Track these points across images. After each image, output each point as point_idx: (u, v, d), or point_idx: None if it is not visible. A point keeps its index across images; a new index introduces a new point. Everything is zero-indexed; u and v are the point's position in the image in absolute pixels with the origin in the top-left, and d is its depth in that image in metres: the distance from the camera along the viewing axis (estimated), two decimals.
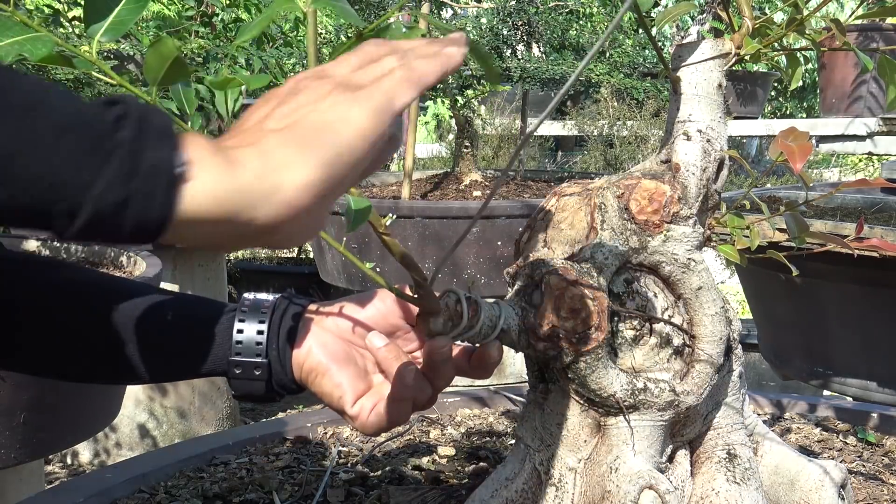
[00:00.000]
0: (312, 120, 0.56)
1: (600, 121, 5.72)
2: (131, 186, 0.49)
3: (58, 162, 0.48)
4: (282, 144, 0.54)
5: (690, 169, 0.87)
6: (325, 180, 0.54)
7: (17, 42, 0.61)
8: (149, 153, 0.50)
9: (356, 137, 0.56)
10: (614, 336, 0.85)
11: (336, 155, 0.55)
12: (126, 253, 2.25)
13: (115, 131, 0.50)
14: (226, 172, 0.52)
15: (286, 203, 0.53)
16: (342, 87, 0.58)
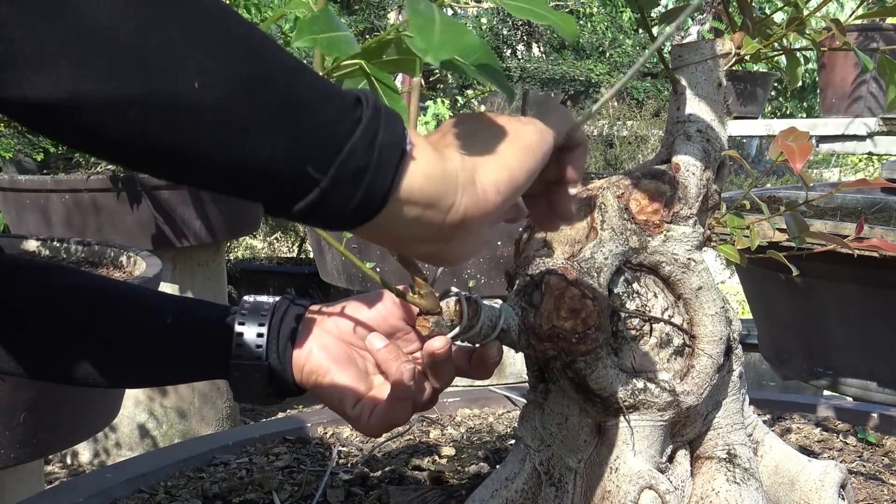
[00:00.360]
0: (495, 132, 0.61)
1: (600, 121, 5.72)
2: (371, 156, 0.53)
3: (315, 125, 0.52)
4: (476, 145, 0.60)
5: (690, 169, 0.87)
6: (511, 181, 0.60)
7: None
8: (384, 130, 0.54)
9: (534, 148, 0.62)
10: (614, 336, 0.85)
11: (520, 161, 0.61)
12: (126, 253, 2.25)
13: (357, 108, 0.54)
14: (437, 159, 0.56)
15: (482, 194, 0.58)
16: (521, 124, 0.64)
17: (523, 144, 0.62)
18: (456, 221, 0.58)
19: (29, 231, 2.78)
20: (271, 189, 0.52)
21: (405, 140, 0.55)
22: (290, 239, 5.33)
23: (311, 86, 0.52)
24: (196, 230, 2.87)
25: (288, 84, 0.51)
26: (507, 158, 0.60)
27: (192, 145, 0.48)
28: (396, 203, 0.55)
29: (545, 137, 0.63)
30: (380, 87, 0.66)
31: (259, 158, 0.50)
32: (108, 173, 2.73)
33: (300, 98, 0.51)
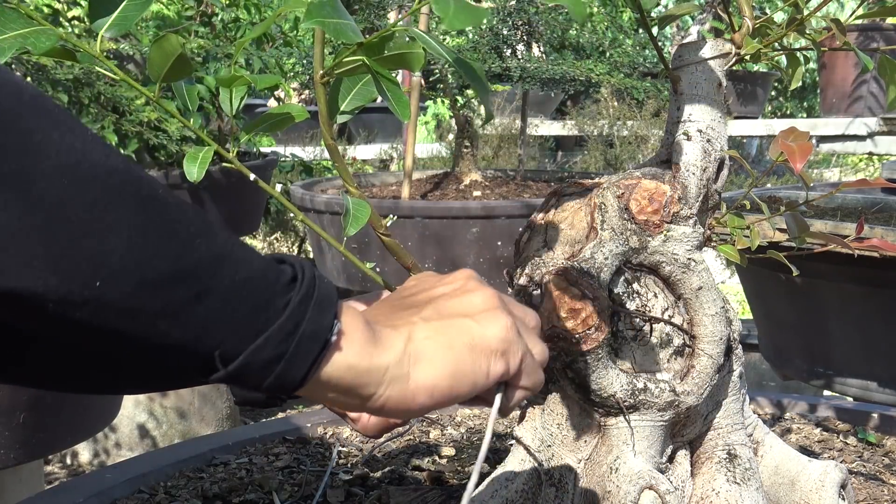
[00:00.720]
0: (459, 328, 0.62)
1: (600, 121, 5.72)
2: (287, 346, 0.54)
3: (232, 312, 0.53)
4: (426, 334, 0.61)
5: (690, 169, 0.87)
6: (450, 392, 0.60)
7: (21, 35, 0.61)
8: (311, 318, 0.55)
9: (489, 356, 0.62)
10: (614, 336, 0.85)
11: (469, 371, 0.61)
12: None
13: (287, 293, 0.55)
14: (367, 351, 0.57)
15: (411, 394, 0.59)
16: (492, 309, 0.64)
17: (480, 346, 0.62)
18: (375, 408, 0.59)
19: None
20: (181, 367, 0.54)
21: (331, 331, 0.55)
22: (290, 239, 5.33)
23: (233, 276, 0.53)
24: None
25: (211, 275, 0.52)
26: (455, 364, 0.60)
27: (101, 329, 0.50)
28: (315, 383, 0.56)
29: (504, 345, 0.63)
30: (382, 83, 0.66)
31: (168, 341, 0.51)
32: None
33: (219, 288, 0.52)
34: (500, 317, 0.64)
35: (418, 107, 3.02)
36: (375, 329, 0.59)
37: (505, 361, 0.63)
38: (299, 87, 3.96)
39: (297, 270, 0.56)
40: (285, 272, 0.56)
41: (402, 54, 0.66)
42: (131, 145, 2.60)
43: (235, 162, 0.75)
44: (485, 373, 0.62)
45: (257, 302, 0.53)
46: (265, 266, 0.55)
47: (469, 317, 0.63)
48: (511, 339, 0.63)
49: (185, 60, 0.67)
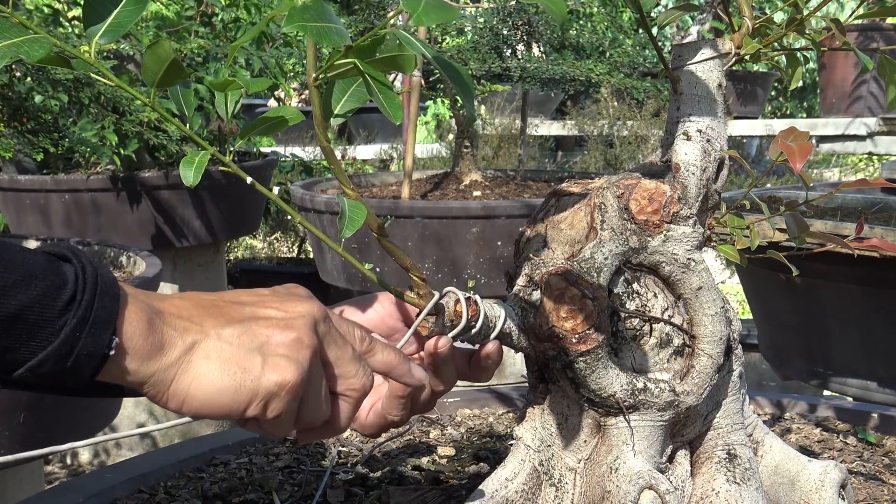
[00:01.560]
0: (243, 362, 0.66)
1: (600, 121, 5.72)
2: (66, 364, 0.60)
3: (12, 338, 0.59)
4: (206, 358, 0.65)
5: (690, 169, 0.87)
6: (198, 409, 0.65)
7: (15, 44, 0.61)
8: (86, 341, 0.60)
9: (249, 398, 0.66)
10: (614, 336, 0.85)
11: (224, 402, 0.65)
12: (126, 253, 2.25)
13: (63, 315, 0.60)
14: (141, 357, 0.63)
15: (163, 397, 0.65)
16: (290, 358, 0.68)
17: (250, 389, 0.66)
18: (153, 398, 0.66)
19: (29, 231, 2.78)
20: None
21: (108, 348, 0.61)
22: (289, 239, 5.33)
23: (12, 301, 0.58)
24: (196, 230, 2.87)
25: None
26: (216, 393, 0.65)
27: None
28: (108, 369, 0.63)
29: (269, 397, 0.67)
30: (375, 86, 0.66)
31: None
32: (108, 173, 2.73)
33: (9, 312, 0.58)
34: (288, 371, 0.67)
35: (418, 107, 3.01)
36: (160, 331, 0.64)
37: (263, 409, 0.67)
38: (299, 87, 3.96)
39: (77, 286, 0.61)
40: (63, 293, 0.60)
41: (393, 56, 0.65)
42: (131, 145, 2.60)
43: (232, 166, 0.75)
44: (240, 411, 0.66)
45: (31, 330, 0.59)
46: (41, 292, 0.59)
47: (263, 355, 0.67)
48: (280, 396, 0.67)
49: (178, 65, 0.68)
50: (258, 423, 0.69)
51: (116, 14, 0.66)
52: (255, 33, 0.71)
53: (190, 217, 2.84)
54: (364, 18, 3.01)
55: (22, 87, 2.42)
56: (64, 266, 0.61)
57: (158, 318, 0.64)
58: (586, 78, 2.91)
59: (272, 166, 3.24)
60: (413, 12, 0.58)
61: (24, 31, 0.62)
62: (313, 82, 0.68)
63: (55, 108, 2.48)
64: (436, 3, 0.59)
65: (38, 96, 2.42)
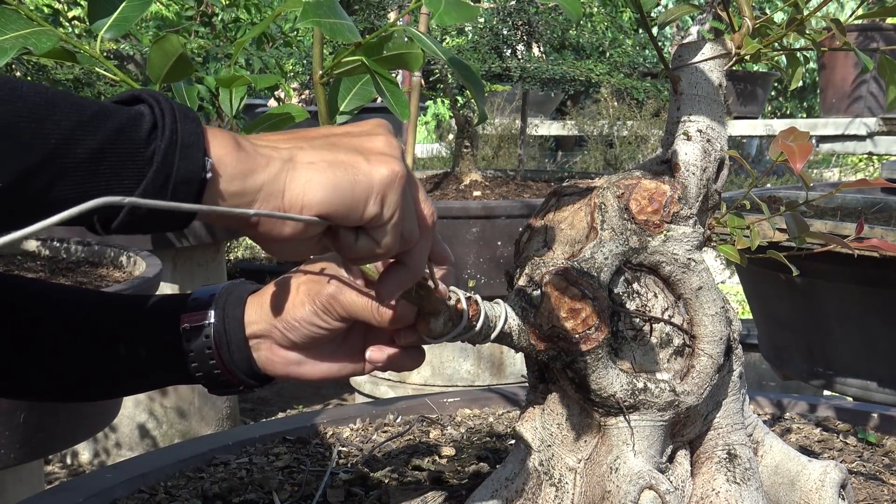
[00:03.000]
0: (348, 161, 0.62)
1: (600, 121, 5.73)
2: (165, 194, 0.56)
3: (97, 180, 0.55)
4: (311, 163, 0.61)
5: (690, 169, 0.87)
6: (320, 204, 0.61)
7: (22, 35, 0.61)
8: (180, 166, 0.57)
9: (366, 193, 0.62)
10: (614, 336, 0.85)
11: (345, 195, 0.62)
12: (126, 253, 2.25)
13: (149, 144, 0.56)
14: (241, 174, 0.59)
15: (282, 208, 0.61)
16: (388, 155, 0.64)
17: (364, 182, 0.63)
18: (252, 227, 0.62)
19: None
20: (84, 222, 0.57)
21: (204, 170, 0.58)
22: None
23: (88, 147, 0.54)
24: (196, 230, 2.87)
25: (60, 157, 0.54)
26: (334, 186, 0.62)
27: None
28: (200, 214, 0.59)
29: (386, 189, 0.63)
30: (381, 83, 0.66)
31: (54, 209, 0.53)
32: None
33: (73, 165, 0.54)
34: (392, 163, 0.64)
35: (418, 107, 3.02)
36: (251, 151, 0.60)
37: (380, 205, 0.64)
38: (299, 87, 3.96)
39: (156, 115, 0.57)
40: (143, 122, 0.56)
41: (400, 54, 0.66)
42: None
43: None
44: (361, 207, 0.63)
45: (120, 163, 0.55)
46: (122, 124, 0.56)
47: (362, 154, 0.64)
48: (394, 187, 0.64)
49: (185, 61, 0.67)
50: (372, 234, 0.65)
51: (122, 9, 0.66)
52: (259, 30, 0.71)
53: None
54: (364, 18, 3.01)
55: None
56: (137, 105, 0.58)
57: (245, 140, 0.61)
58: (586, 78, 2.91)
59: None
60: (435, 11, 0.59)
61: (31, 23, 0.62)
62: (319, 79, 0.68)
63: None
64: (456, 3, 0.59)
65: None
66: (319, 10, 0.60)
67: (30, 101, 0.53)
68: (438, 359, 3.10)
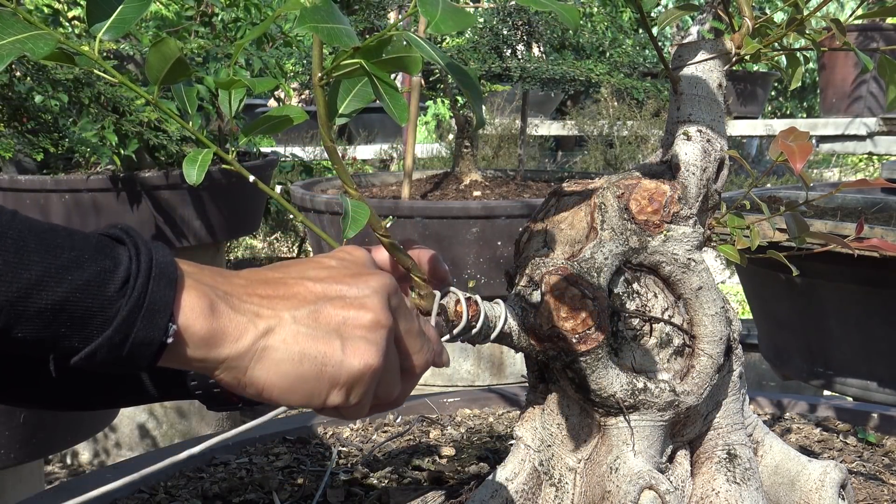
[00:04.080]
0: (322, 346, 0.62)
1: (600, 121, 5.72)
2: (121, 352, 0.57)
3: (59, 327, 0.55)
4: (284, 342, 0.61)
5: (690, 169, 0.87)
6: (277, 397, 0.62)
7: (20, 40, 0.61)
8: (141, 328, 0.57)
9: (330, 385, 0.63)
10: (614, 336, 0.85)
11: (305, 390, 0.62)
12: None
13: (114, 303, 0.56)
14: (212, 348, 0.59)
15: (240, 384, 0.61)
16: (368, 340, 0.64)
17: (331, 375, 0.62)
18: (227, 384, 0.62)
19: None
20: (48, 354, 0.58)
21: (165, 335, 0.57)
22: (290, 239, 5.33)
23: (49, 299, 0.55)
24: (196, 230, 2.87)
25: (20, 304, 0.54)
26: (296, 381, 0.62)
27: None
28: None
29: (354, 382, 0.63)
30: (380, 86, 0.66)
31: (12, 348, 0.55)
32: (108, 173, 2.73)
33: (31, 314, 0.54)
34: (368, 355, 0.63)
35: (418, 107, 3.01)
36: (226, 317, 0.60)
37: (345, 395, 0.64)
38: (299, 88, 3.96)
39: (130, 270, 0.57)
40: (115, 277, 0.56)
41: (399, 58, 0.65)
42: (131, 145, 2.60)
43: (235, 164, 0.75)
44: (321, 400, 0.63)
45: (82, 318, 0.56)
46: (91, 277, 0.56)
47: (342, 338, 0.63)
48: (363, 381, 0.64)
49: (183, 63, 0.67)
50: (337, 409, 0.65)
51: (120, 10, 0.65)
52: (259, 31, 0.71)
53: (190, 217, 2.84)
54: (364, 18, 3.01)
55: (22, 87, 2.42)
56: (118, 248, 0.58)
57: (225, 302, 0.61)
58: (586, 78, 2.91)
59: (272, 166, 3.24)
60: (431, 19, 0.58)
61: (29, 27, 0.62)
62: (318, 82, 0.68)
63: (55, 108, 2.48)
64: (453, 10, 0.59)
65: (38, 96, 2.42)
66: (317, 15, 0.60)
67: (5, 242, 0.54)
68: None
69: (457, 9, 0.59)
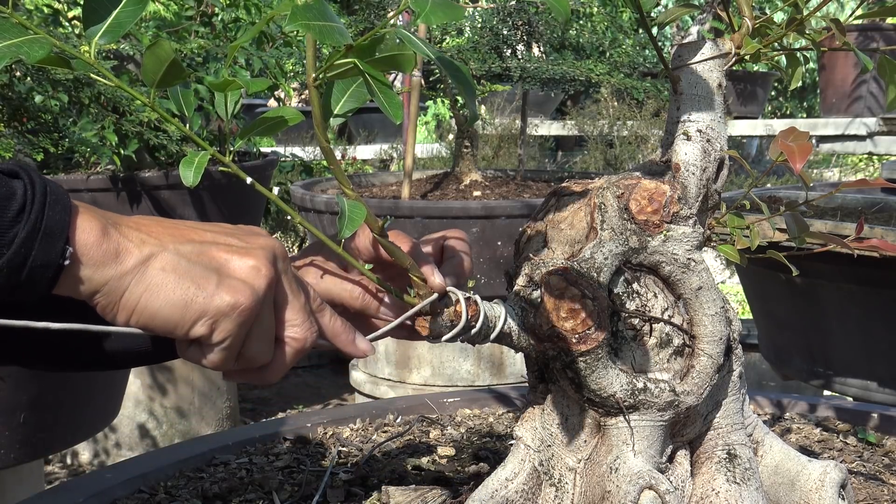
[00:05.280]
0: (198, 277, 0.65)
1: (600, 121, 5.73)
2: (20, 276, 0.60)
3: None
4: (162, 270, 0.64)
5: (690, 169, 0.87)
6: (145, 322, 0.64)
7: (15, 44, 0.61)
8: (40, 250, 0.60)
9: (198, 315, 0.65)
10: (614, 336, 0.85)
11: (173, 318, 0.65)
12: None
13: (13, 227, 0.59)
14: (98, 264, 0.63)
15: (113, 308, 0.64)
16: (247, 283, 0.67)
17: (200, 305, 0.65)
18: (96, 306, 0.65)
19: None
20: None
21: (62, 257, 0.61)
22: (289, 239, 5.33)
23: None
24: None
25: None
26: (167, 307, 0.64)
27: None
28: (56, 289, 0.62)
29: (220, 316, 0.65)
30: (375, 85, 0.66)
31: None
32: (108, 173, 2.73)
33: None
34: (241, 294, 0.66)
35: (418, 107, 3.01)
36: (115, 239, 0.63)
37: (209, 328, 0.66)
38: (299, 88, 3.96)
39: (26, 197, 0.60)
40: (12, 204, 0.59)
41: (393, 56, 0.65)
42: (131, 145, 2.60)
43: (232, 166, 0.75)
44: (185, 329, 0.65)
45: None
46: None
47: (219, 275, 0.66)
48: (231, 317, 0.66)
49: (178, 66, 0.68)
50: (201, 348, 0.67)
51: (116, 14, 0.66)
52: (254, 33, 0.71)
53: (190, 217, 2.84)
54: (364, 18, 3.01)
55: (22, 87, 2.42)
56: (13, 182, 0.61)
57: (115, 228, 0.64)
58: (586, 78, 2.91)
59: (272, 166, 3.24)
60: (421, 11, 0.58)
61: (24, 31, 0.62)
62: (313, 82, 0.68)
63: (55, 108, 2.48)
64: (443, 3, 0.59)
65: (38, 96, 2.42)
66: (308, 13, 0.60)
67: None
68: (438, 359, 3.10)
69: (446, 2, 0.59)
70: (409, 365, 3.14)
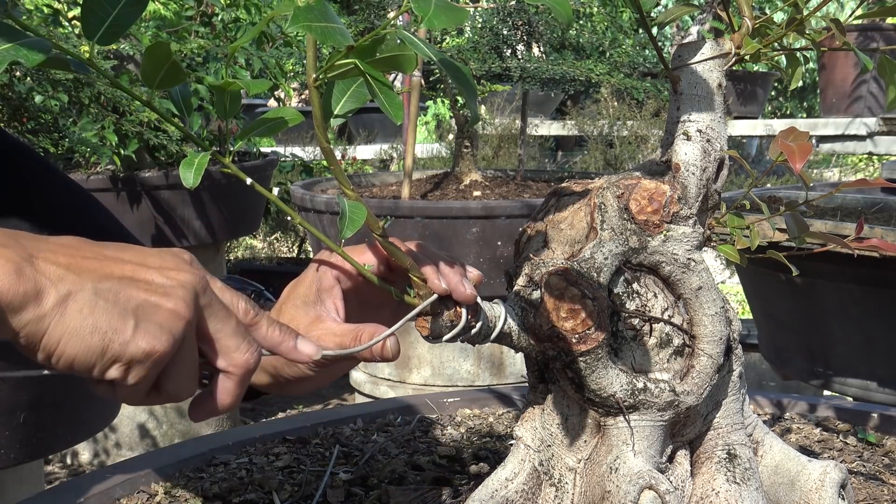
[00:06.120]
0: (116, 322, 0.64)
1: (600, 121, 5.73)
2: None
3: None
4: (80, 312, 0.63)
5: (690, 169, 0.87)
6: (65, 365, 0.64)
7: (13, 47, 0.61)
8: None
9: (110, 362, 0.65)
10: (614, 336, 0.85)
11: (86, 361, 0.64)
12: None
13: None
14: (17, 312, 0.62)
15: (46, 351, 0.63)
16: (164, 326, 0.66)
17: (114, 352, 0.64)
18: (24, 348, 0.64)
19: None
20: None
21: None
22: (290, 239, 5.33)
23: None
24: (196, 230, 2.87)
25: None
26: (82, 350, 0.64)
27: None
28: None
29: (132, 362, 0.65)
30: (375, 86, 0.66)
31: None
32: (108, 173, 2.73)
33: None
34: (157, 340, 0.66)
35: (418, 107, 3.01)
36: (31, 278, 0.62)
37: (123, 373, 0.66)
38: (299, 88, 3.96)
39: None
40: None
41: (393, 56, 0.65)
42: (131, 145, 2.60)
43: (232, 167, 0.75)
44: (100, 372, 0.65)
45: None
46: None
47: (137, 319, 0.65)
48: (145, 364, 0.66)
49: (176, 67, 0.67)
50: (113, 386, 0.67)
51: (115, 16, 0.65)
52: (255, 33, 0.71)
53: (190, 217, 2.84)
54: (364, 18, 3.01)
55: (22, 87, 2.42)
56: None
57: (29, 264, 0.63)
58: (586, 78, 2.91)
59: (272, 166, 3.24)
60: (424, 15, 0.58)
61: (23, 34, 0.62)
62: (313, 83, 0.68)
63: (55, 108, 2.48)
64: (446, 6, 0.59)
65: (38, 96, 2.42)
66: (310, 14, 0.60)
67: None
68: (438, 359, 3.10)
69: (449, 5, 0.59)
70: (409, 365, 3.14)
